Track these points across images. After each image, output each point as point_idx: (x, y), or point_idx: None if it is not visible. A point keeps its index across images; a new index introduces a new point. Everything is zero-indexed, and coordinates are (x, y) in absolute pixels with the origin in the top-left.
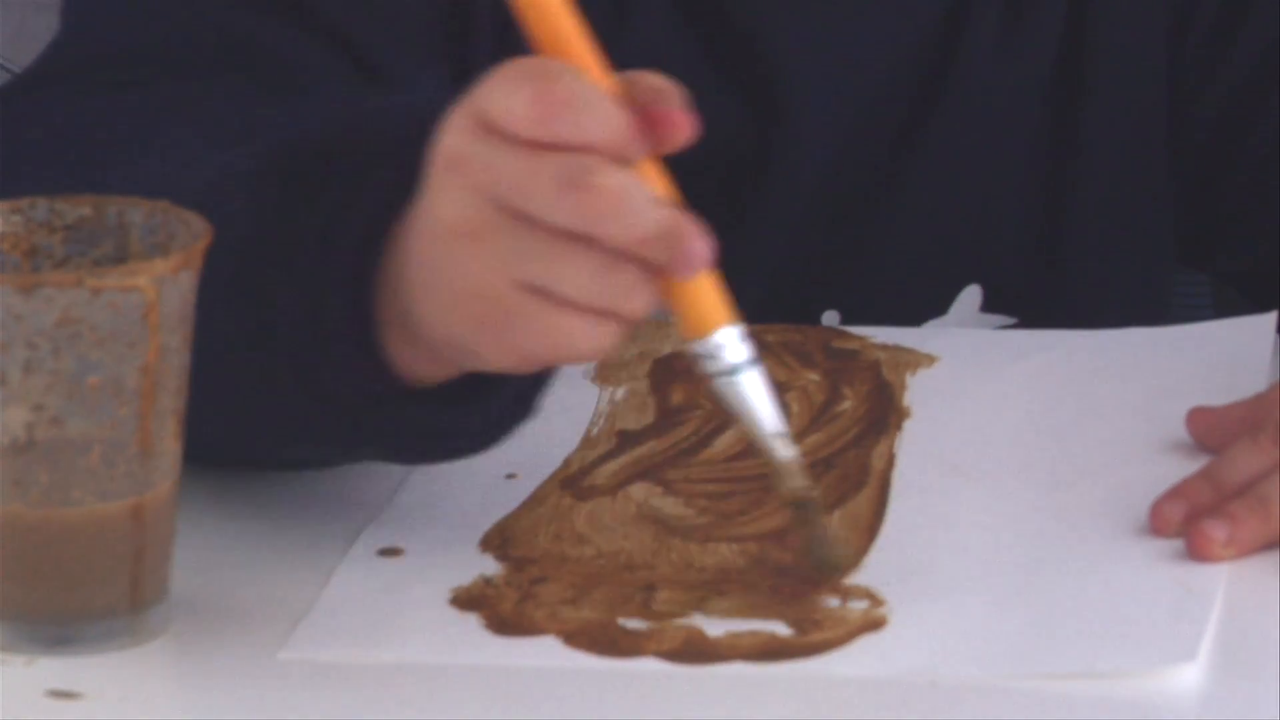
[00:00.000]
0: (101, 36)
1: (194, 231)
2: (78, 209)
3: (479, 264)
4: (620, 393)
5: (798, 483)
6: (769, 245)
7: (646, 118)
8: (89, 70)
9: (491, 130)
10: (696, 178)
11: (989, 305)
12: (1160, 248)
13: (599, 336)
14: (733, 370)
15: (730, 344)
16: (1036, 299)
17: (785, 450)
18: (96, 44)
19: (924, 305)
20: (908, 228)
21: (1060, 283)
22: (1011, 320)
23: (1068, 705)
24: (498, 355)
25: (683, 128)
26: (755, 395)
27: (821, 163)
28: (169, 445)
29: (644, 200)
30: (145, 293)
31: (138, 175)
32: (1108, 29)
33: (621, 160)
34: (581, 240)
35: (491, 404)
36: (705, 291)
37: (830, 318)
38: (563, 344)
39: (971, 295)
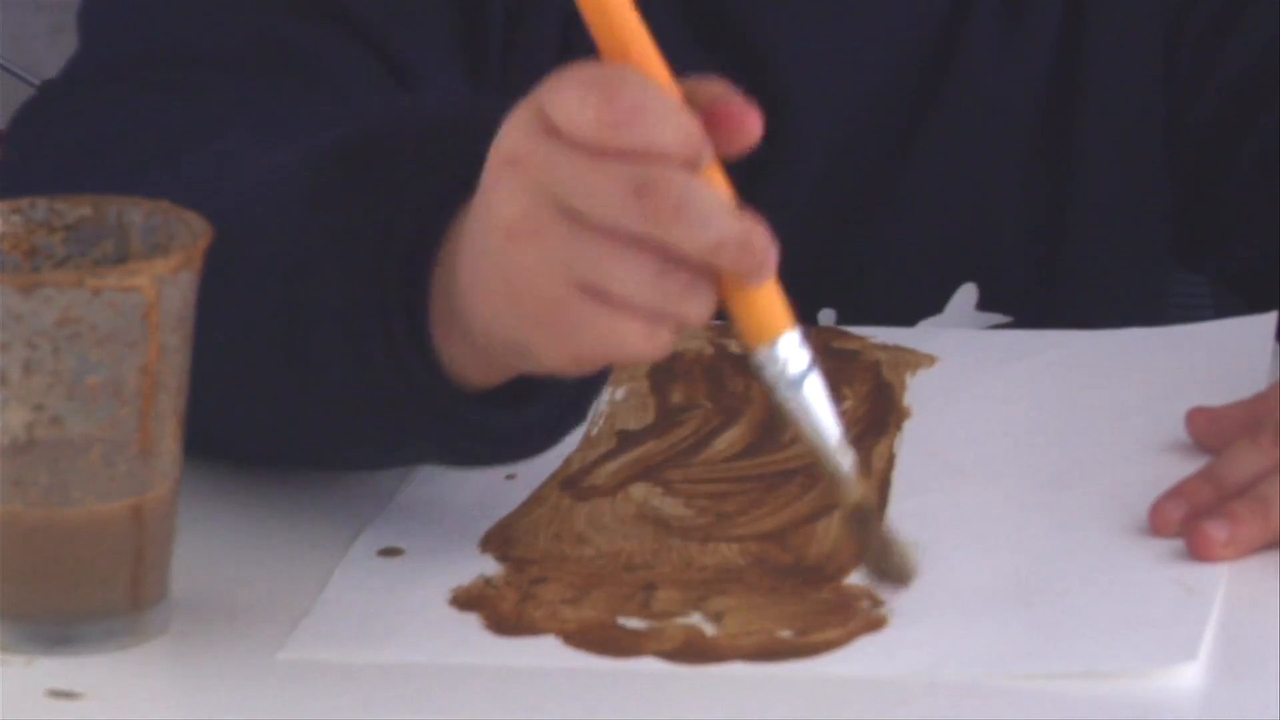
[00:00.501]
0: (137, 39)
1: (194, 231)
2: (78, 209)
3: (535, 263)
4: (620, 393)
5: (858, 492)
6: None
7: (710, 120)
8: (128, 72)
9: (553, 132)
10: None
11: (985, 304)
12: (1156, 247)
13: (653, 339)
14: (795, 380)
15: (792, 351)
16: (1032, 298)
17: (846, 460)
18: (133, 46)
19: (920, 303)
20: (905, 227)
21: (1056, 282)
22: (1007, 319)
23: (1068, 705)
24: (551, 355)
25: (751, 125)
26: (818, 404)
27: (820, 163)
28: (169, 445)
29: (713, 206)
30: (145, 293)
31: (189, 175)
32: (1105, 29)
33: (690, 166)
34: (638, 242)
35: (542, 408)
36: (768, 297)
37: (826, 316)
38: (617, 345)
39: (967, 293)
